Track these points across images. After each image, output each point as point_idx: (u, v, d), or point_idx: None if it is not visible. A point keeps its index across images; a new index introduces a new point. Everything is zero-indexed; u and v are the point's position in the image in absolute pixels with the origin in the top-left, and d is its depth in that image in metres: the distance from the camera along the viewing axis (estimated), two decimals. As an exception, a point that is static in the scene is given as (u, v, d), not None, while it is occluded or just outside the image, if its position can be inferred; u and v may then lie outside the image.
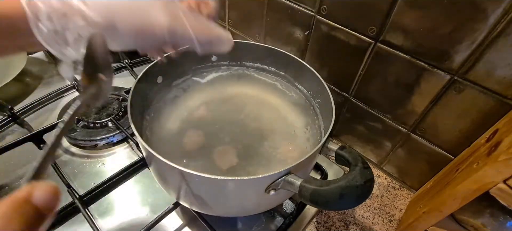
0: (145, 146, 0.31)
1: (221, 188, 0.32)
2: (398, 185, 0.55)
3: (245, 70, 0.54)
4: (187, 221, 0.44)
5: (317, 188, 0.29)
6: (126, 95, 0.61)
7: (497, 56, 0.34)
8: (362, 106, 0.52)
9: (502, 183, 0.28)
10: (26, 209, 0.12)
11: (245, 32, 0.66)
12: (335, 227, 0.48)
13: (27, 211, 0.12)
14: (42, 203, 0.13)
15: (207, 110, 0.47)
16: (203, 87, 0.51)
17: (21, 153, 0.49)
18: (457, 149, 0.43)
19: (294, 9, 0.52)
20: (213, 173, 0.28)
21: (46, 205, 0.13)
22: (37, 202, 0.13)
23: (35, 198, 0.13)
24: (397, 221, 0.49)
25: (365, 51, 0.45)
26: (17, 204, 0.12)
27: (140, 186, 0.48)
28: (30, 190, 0.13)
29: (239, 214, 0.39)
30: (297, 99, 0.51)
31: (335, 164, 0.55)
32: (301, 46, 0.55)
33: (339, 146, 0.36)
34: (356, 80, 0.49)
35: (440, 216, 0.36)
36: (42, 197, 0.13)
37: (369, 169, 0.31)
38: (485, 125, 0.38)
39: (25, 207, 0.12)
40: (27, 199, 0.13)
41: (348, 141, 0.59)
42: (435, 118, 0.43)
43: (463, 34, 0.35)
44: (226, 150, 0.40)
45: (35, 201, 0.13)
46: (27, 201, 0.12)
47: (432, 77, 0.40)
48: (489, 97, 0.37)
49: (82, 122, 0.54)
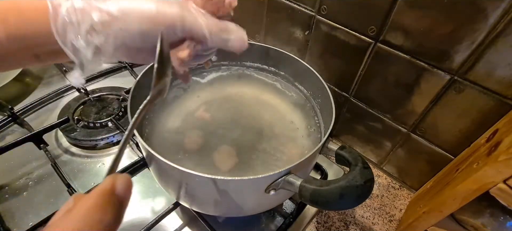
0: (145, 146, 0.31)
1: (221, 188, 0.32)
2: (398, 185, 0.55)
3: (245, 70, 0.54)
4: (187, 221, 0.44)
5: (317, 188, 0.29)
6: (126, 95, 0.61)
7: (497, 56, 0.34)
8: (362, 106, 0.52)
9: (502, 183, 0.28)
10: (114, 200, 0.13)
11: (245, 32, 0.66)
12: (335, 227, 0.48)
13: (114, 201, 0.13)
14: (122, 193, 0.14)
15: (207, 110, 0.47)
16: (203, 87, 0.51)
17: (21, 153, 0.49)
18: (457, 149, 0.43)
19: (294, 9, 0.52)
20: (213, 173, 0.28)
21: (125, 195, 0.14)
22: (119, 193, 0.14)
23: (117, 189, 0.14)
24: (397, 221, 0.49)
25: (365, 51, 0.45)
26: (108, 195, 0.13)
27: (140, 186, 0.48)
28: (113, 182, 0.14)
29: (239, 214, 0.39)
30: (297, 99, 0.51)
31: (335, 164, 0.55)
32: (301, 46, 0.55)
33: (339, 146, 0.36)
34: (356, 80, 0.49)
35: (440, 216, 0.36)
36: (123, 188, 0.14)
37: (369, 169, 0.31)
38: (485, 125, 0.38)
39: (112, 198, 0.13)
40: (113, 190, 0.14)
41: (348, 141, 0.59)
42: (435, 118, 0.43)
43: (463, 34, 0.35)
44: (226, 150, 0.40)
45: (117, 192, 0.14)
46: (113, 192, 0.14)
47: (432, 77, 0.40)
48: (489, 97, 0.37)
49: (82, 122, 0.54)
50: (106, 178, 0.15)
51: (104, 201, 0.14)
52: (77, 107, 0.57)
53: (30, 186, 0.46)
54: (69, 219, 0.13)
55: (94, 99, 0.59)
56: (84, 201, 0.14)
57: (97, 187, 0.14)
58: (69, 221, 0.13)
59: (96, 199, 0.14)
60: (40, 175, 0.48)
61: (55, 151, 0.52)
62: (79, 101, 0.58)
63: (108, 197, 0.14)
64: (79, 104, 0.57)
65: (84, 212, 0.13)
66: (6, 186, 0.46)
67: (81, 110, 0.56)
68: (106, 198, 0.14)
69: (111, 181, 0.14)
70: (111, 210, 0.14)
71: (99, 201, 0.14)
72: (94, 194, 0.14)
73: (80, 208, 0.13)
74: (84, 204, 0.14)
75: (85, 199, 0.14)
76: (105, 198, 0.14)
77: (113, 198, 0.14)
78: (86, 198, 0.14)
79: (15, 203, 0.44)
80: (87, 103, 0.58)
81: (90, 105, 0.58)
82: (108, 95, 0.61)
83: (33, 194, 0.45)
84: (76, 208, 0.13)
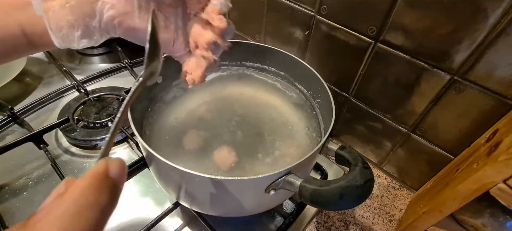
0: (145, 146, 0.31)
1: (221, 188, 0.32)
2: (398, 185, 0.55)
3: (245, 70, 0.54)
4: (187, 221, 0.44)
5: (317, 188, 0.29)
6: (126, 95, 0.61)
7: (497, 56, 0.34)
8: (362, 106, 0.52)
9: (502, 183, 0.28)
10: (108, 183, 0.13)
11: (245, 32, 0.66)
12: (335, 227, 0.48)
13: (109, 184, 0.13)
14: (116, 176, 0.14)
15: (207, 110, 0.47)
16: (203, 87, 0.51)
17: (21, 153, 0.49)
18: (457, 149, 0.43)
19: (294, 9, 0.52)
20: (213, 173, 0.28)
21: (120, 178, 0.14)
22: (113, 176, 0.14)
23: (111, 172, 0.14)
24: (397, 221, 0.49)
25: (365, 51, 0.45)
26: (102, 177, 0.13)
27: (140, 186, 0.48)
28: (106, 165, 0.14)
29: (239, 214, 0.39)
30: (297, 99, 0.51)
31: (335, 164, 0.55)
32: (301, 46, 0.55)
33: (339, 146, 0.36)
34: (356, 80, 0.49)
35: (440, 216, 0.36)
36: (117, 171, 0.14)
37: (369, 169, 0.31)
38: (485, 125, 0.38)
39: (107, 181, 0.13)
40: (107, 173, 0.13)
41: (348, 141, 0.59)
42: (435, 118, 0.43)
43: (463, 34, 0.35)
44: (226, 150, 0.40)
45: (111, 175, 0.14)
46: (107, 175, 0.13)
47: (432, 77, 0.40)
48: (489, 97, 0.37)
49: (82, 122, 0.54)
50: (99, 161, 0.15)
51: (99, 182, 0.13)
52: (77, 107, 0.57)
53: (30, 186, 0.46)
54: (62, 201, 0.12)
55: (94, 99, 0.59)
56: (77, 184, 0.13)
57: (90, 170, 0.14)
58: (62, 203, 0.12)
59: (90, 180, 0.13)
60: (40, 175, 0.48)
61: (55, 151, 0.52)
62: (79, 101, 0.58)
63: (102, 179, 0.13)
64: (79, 104, 0.57)
65: (78, 194, 0.13)
66: (6, 186, 0.46)
67: (81, 110, 0.56)
68: (101, 179, 0.13)
69: (104, 163, 0.14)
70: (106, 192, 0.13)
71: (93, 182, 0.13)
72: (88, 176, 0.13)
73: (74, 190, 0.13)
74: (77, 187, 0.13)
75: (78, 182, 0.13)
76: (99, 180, 0.13)
77: (108, 181, 0.14)
78: (79, 180, 0.13)
79: (15, 203, 0.44)
80: (87, 103, 0.58)
81: (90, 105, 0.58)
82: (108, 95, 0.61)
83: (33, 194, 0.45)
84: (70, 190, 0.13)
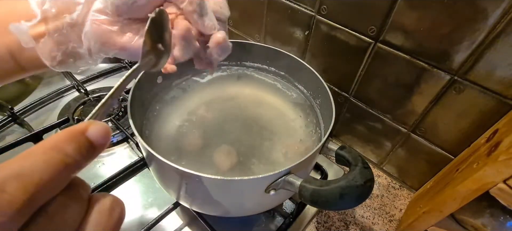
0: (145, 146, 0.31)
1: (221, 188, 0.32)
2: (398, 185, 0.55)
3: (245, 70, 0.54)
4: (187, 221, 0.44)
5: (317, 188, 0.29)
6: (126, 95, 0.61)
7: (497, 56, 0.34)
8: (362, 106, 0.52)
9: (502, 183, 0.28)
10: (81, 140, 0.14)
11: (245, 32, 0.66)
12: (335, 227, 0.48)
13: (82, 141, 0.14)
14: (95, 138, 0.14)
15: (207, 110, 0.47)
16: (203, 87, 0.51)
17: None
18: (457, 149, 0.43)
19: (294, 9, 0.52)
20: (213, 173, 0.28)
21: (98, 140, 0.14)
22: (91, 137, 0.14)
23: (89, 133, 0.14)
24: (397, 221, 0.49)
25: (365, 51, 0.45)
26: (75, 133, 0.14)
27: (140, 186, 0.48)
28: (86, 126, 0.14)
29: (239, 214, 0.39)
30: (297, 100, 0.51)
31: (335, 164, 0.55)
32: (301, 46, 0.55)
33: (339, 146, 0.36)
34: (356, 80, 0.49)
35: (440, 216, 0.36)
36: (96, 133, 0.14)
37: (369, 169, 0.31)
38: (485, 125, 0.38)
39: (80, 138, 0.14)
40: (83, 132, 0.14)
41: (348, 141, 0.59)
42: (435, 118, 0.43)
43: (463, 34, 0.35)
44: (226, 150, 0.40)
45: (89, 135, 0.14)
46: (83, 133, 0.14)
47: (432, 77, 0.40)
48: (489, 97, 0.37)
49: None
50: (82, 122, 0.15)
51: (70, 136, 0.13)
52: (77, 107, 0.57)
53: (30, 186, 0.46)
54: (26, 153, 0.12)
55: (94, 99, 0.59)
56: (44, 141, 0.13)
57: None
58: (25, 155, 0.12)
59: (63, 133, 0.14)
60: (40, 175, 0.48)
61: (55, 151, 0.52)
62: (79, 101, 0.58)
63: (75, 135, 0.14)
64: (79, 104, 0.58)
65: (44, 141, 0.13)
66: (6, 186, 0.46)
67: (81, 110, 0.56)
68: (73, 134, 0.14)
69: (84, 124, 0.14)
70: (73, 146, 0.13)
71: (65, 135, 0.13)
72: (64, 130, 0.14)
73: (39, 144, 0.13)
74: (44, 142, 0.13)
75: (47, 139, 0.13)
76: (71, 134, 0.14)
77: (81, 138, 0.14)
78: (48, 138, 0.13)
79: (15, 203, 0.44)
80: (87, 103, 0.58)
81: (90, 105, 0.58)
82: (108, 95, 0.61)
83: (33, 194, 0.45)
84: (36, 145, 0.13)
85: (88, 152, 0.14)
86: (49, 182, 0.12)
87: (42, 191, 0.12)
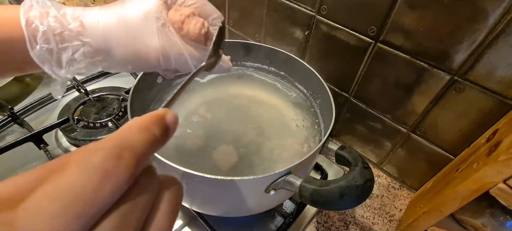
0: (145, 146, 0.31)
1: (221, 188, 0.32)
2: (398, 185, 0.55)
3: (245, 70, 0.54)
4: (187, 221, 0.44)
5: (317, 188, 0.29)
6: (126, 95, 0.61)
7: (497, 56, 0.34)
8: (362, 106, 0.52)
9: (502, 183, 0.28)
10: (163, 124, 0.16)
11: (245, 32, 0.66)
12: (335, 227, 0.48)
13: (163, 125, 0.16)
14: (170, 124, 0.16)
15: (207, 110, 0.47)
16: (203, 87, 0.51)
17: (21, 153, 0.49)
18: (457, 149, 0.43)
19: (294, 9, 0.52)
20: (213, 173, 0.28)
21: (172, 126, 0.16)
22: (167, 122, 0.16)
23: (167, 118, 0.16)
24: (397, 221, 0.49)
25: (365, 51, 0.45)
26: (159, 117, 0.16)
27: (140, 186, 0.48)
28: (165, 112, 0.16)
29: (239, 214, 0.39)
30: (297, 99, 0.51)
31: (335, 164, 0.55)
32: (301, 46, 0.55)
33: (339, 146, 0.36)
34: (356, 80, 0.49)
35: (440, 216, 0.36)
36: (171, 119, 0.16)
37: (369, 169, 0.31)
38: (485, 125, 0.38)
39: (162, 122, 0.16)
40: (163, 117, 0.16)
41: (348, 141, 0.59)
42: (435, 118, 0.43)
43: (463, 34, 0.35)
44: (226, 150, 0.40)
45: (166, 121, 0.16)
46: (163, 118, 0.16)
47: (432, 78, 0.40)
48: (489, 97, 0.37)
49: (82, 122, 0.54)
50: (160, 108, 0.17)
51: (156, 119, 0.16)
52: (77, 107, 0.57)
53: (30, 186, 0.46)
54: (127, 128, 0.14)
55: (94, 99, 0.59)
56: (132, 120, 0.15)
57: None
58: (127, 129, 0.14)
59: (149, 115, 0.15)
60: (40, 175, 0.48)
61: (55, 151, 0.52)
62: (79, 101, 0.58)
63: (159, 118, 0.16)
64: (79, 104, 0.58)
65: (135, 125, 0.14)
66: (6, 186, 0.46)
67: (81, 111, 0.56)
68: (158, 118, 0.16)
69: (164, 110, 0.16)
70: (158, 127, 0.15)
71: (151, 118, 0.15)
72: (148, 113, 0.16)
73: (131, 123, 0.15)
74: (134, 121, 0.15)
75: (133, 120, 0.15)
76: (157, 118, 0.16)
77: (162, 122, 0.16)
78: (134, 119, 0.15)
79: (15, 203, 0.44)
80: (87, 103, 0.58)
81: (90, 105, 0.58)
82: (108, 95, 0.61)
83: (33, 194, 0.45)
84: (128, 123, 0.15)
85: (166, 135, 0.16)
86: (146, 157, 0.14)
87: (141, 164, 0.13)
